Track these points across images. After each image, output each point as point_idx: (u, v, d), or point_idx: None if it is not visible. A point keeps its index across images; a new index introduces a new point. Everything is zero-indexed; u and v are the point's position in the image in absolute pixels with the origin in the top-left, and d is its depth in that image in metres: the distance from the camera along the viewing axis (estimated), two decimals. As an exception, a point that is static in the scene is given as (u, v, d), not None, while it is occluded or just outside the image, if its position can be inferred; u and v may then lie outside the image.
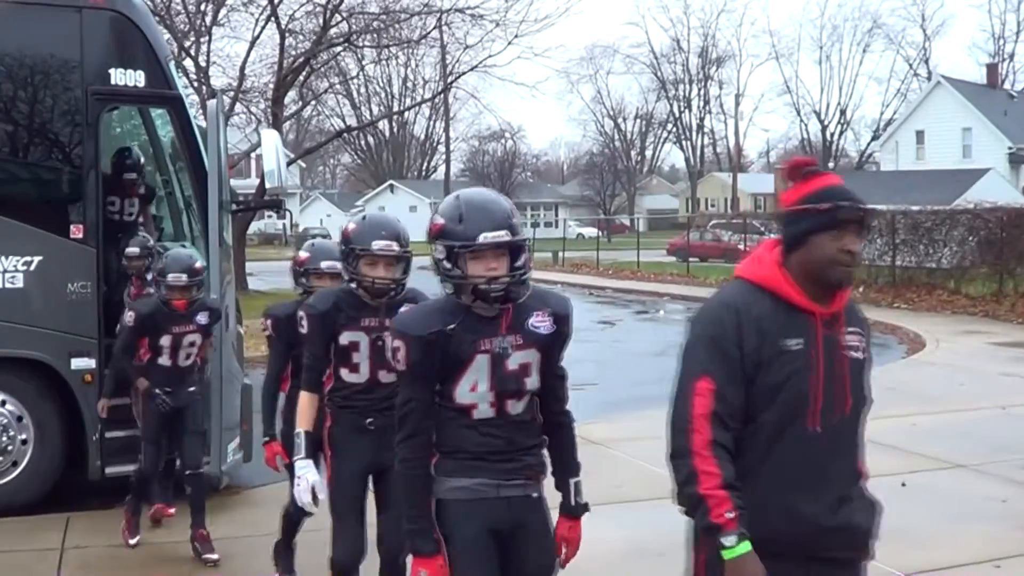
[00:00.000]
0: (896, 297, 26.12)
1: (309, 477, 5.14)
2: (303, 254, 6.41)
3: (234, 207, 10.64)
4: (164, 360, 7.72)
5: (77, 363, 8.83)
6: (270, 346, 6.52)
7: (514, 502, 3.95)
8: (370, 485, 5.50)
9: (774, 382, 3.36)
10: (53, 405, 8.92)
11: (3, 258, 8.63)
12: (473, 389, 3.89)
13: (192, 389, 7.91)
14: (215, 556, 7.48)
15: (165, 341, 7.68)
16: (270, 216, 55.78)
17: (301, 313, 5.36)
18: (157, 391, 7.68)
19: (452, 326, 3.84)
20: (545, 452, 4.12)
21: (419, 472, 3.90)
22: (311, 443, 5.24)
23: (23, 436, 8.84)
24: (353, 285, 5.25)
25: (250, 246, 34.32)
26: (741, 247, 39.32)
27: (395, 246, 5.17)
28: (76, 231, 8.83)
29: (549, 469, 4.14)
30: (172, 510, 8.26)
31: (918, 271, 26.82)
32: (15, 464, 8.82)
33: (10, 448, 8.79)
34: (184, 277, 7.53)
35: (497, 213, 3.88)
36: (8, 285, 8.64)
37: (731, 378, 3.35)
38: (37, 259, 8.71)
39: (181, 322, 7.68)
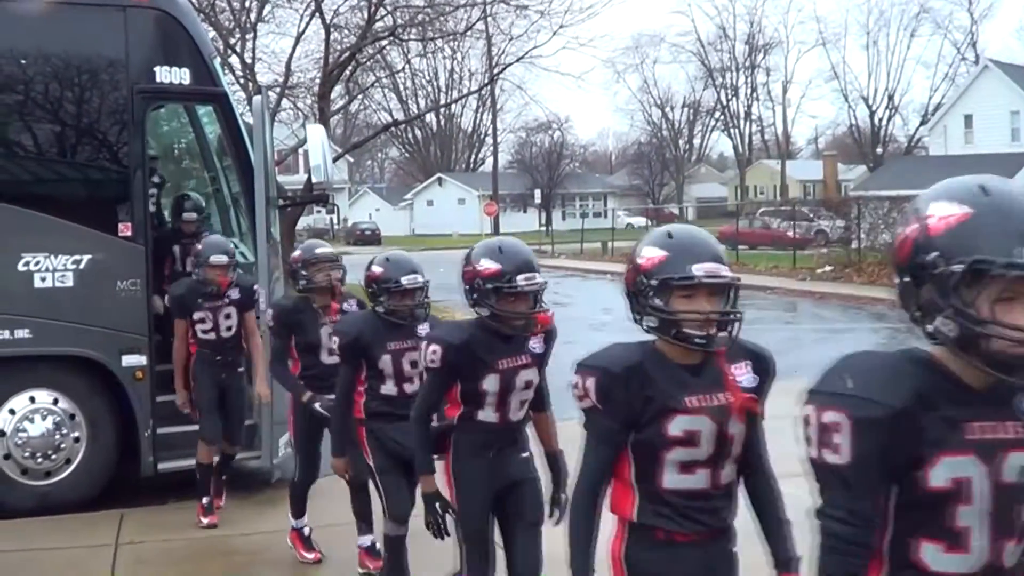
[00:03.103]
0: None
1: None
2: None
3: (281, 202, 10.68)
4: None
5: (128, 360, 8.90)
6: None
7: None
8: None
9: None
10: (105, 402, 9.00)
11: (53, 257, 8.70)
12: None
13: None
14: None
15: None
16: (319, 211, 55.99)
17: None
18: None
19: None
20: None
21: None
22: None
23: (76, 434, 8.91)
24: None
25: (300, 241, 34.47)
26: (790, 234, 39.13)
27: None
28: (125, 229, 8.89)
29: None
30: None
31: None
32: (68, 461, 8.89)
33: (63, 446, 8.86)
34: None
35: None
36: (59, 284, 8.71)
37: None
38: (87, 258, 8.78)
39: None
